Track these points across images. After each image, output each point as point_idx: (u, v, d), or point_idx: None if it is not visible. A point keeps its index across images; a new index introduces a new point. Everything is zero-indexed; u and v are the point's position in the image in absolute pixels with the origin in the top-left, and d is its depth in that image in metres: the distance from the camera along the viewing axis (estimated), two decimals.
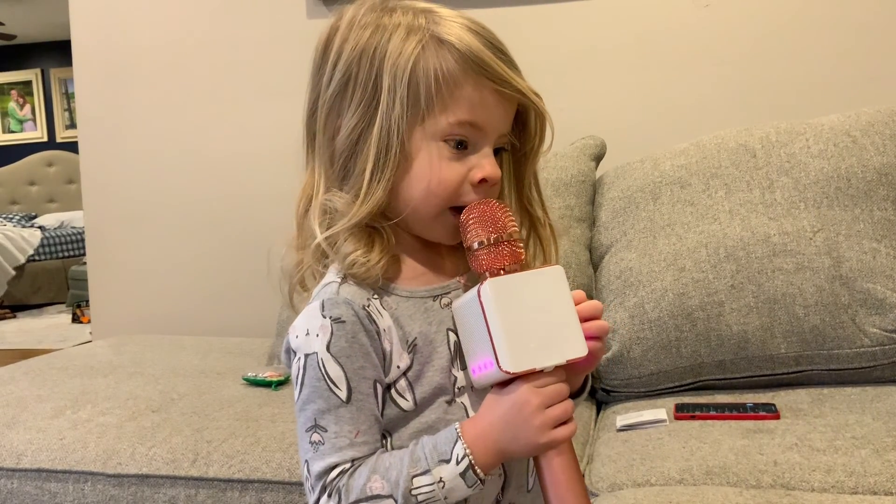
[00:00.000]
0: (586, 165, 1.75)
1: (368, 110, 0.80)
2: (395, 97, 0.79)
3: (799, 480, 1.07)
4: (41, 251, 6.36)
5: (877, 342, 1.38)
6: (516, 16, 1.99)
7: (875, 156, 1.50)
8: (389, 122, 0.79)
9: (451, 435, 0.77)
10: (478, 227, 0.79)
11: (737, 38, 1.93)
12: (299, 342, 0.80)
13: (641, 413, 1.35)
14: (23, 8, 6.71)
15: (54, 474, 1.31)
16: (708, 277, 1.45)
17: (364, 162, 0.80)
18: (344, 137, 0.81)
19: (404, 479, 0.75)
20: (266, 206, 2.15)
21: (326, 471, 0.77)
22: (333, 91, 0.82)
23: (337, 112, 0.82)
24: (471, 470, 0.75)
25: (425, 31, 0.80)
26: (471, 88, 0.80)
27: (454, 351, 0.83)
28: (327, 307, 0.79)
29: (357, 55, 0.81)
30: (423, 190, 0.80)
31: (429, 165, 0.80)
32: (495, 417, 0.77)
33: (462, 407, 0.83)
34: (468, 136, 0.81)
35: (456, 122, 0.79)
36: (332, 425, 0.78)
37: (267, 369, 1.67)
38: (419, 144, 0.80)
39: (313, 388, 0.78)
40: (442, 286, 0.85)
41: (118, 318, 2.31)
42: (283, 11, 2.13)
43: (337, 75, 0.82)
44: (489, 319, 0.75)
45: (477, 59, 0.79)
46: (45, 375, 1.69)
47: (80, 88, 2.32)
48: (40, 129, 7.99)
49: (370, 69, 0.80)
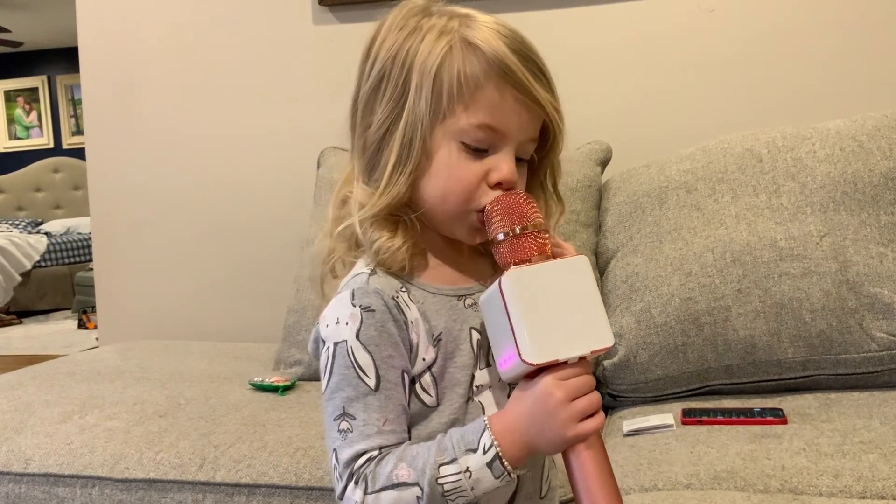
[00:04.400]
0: (592, 170, 1.76)
1: (397, 106, 0.82)
2: (420, 94, 0.81)
3: (807, 485, 1.07)
4: (47, 257, 6.39)
5: (884, 347, 1.38)
6: (522, 21, 1.97)
7: (881, 160, 1.50)
8: (414, 117, 0.81)
9: (478, 426, 0.77)
10: (502, 219, 0.80)
11: (742, 42, 1.93)
12: (329, 331, 0.81)
13: (648, 418, 1.35)
14: (29, 15, 6.75)
15: (62, 479, 1.31)
16: (714, 282, 1.45)
17: (388, 155, 0.82)
18: (374, 131, 0.83)
19: (430, 467, 0.75)
20: (272, 212, 2.17)
21: (354, 458, 0.77)
22: (370, 87, 0.84)
23: (370, 108, 0.84)
24: (498, 461, 0.75)
25: (455, 34, 0.82)
26: (492, 91, 0.81)
27: (477, 349, 0.84)
28: (357, 296, 0.81)
29: (392, 54, 0.83)
30: (441, 187, 0.82)
31: (447, 163, 0.82)
32: (522, 410, 0.77)
33: (479, 406, 0.83)
34: (487, 140, 0.82)
35: (476, 123, 0.81)
36: (360, 413, 0.78)
37: (273, 374, 1.67)
38: (440, 142, 0.82)
39: (342, 376, 0.79)
40: (467, 287, 0.87)
41: (125, 323, 2.32)
42: (289, 17, 2.14)
43: (373, 73, 0.84)
44: (510, 310, 0.75)
45: (501, 64, 0.80)
46: (52, 380, 1.70)
47: (86, 95, 2.33)
48: (46, 136, 8.03)
49: (402, 68, 0.82)
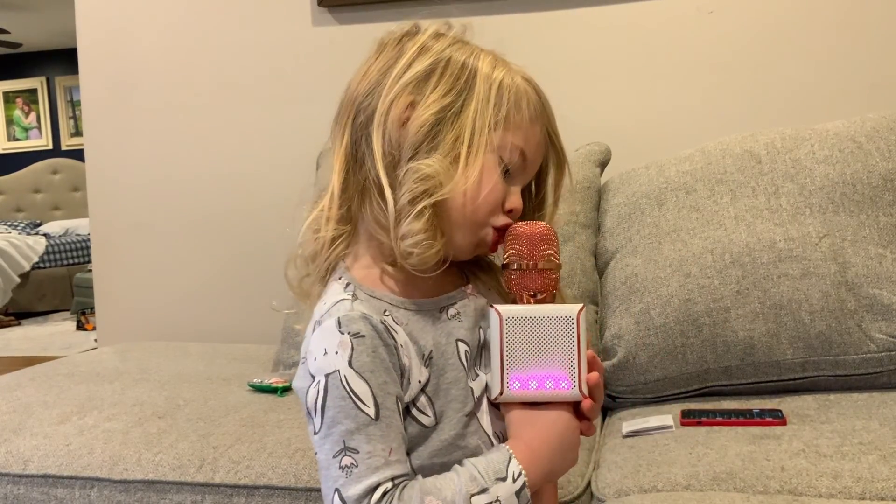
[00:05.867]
0: (591, 171, 1.76)
1: (460, 97, 0.81)
2: (489, 95, 0.82)
3: (806, 486, 1.07)
4: (46, 258, 6.38)
5: (883, 348, 1.38)
6: (522, 22, 2.00)
7: (880, 161, 1.50)
8: (482, 114, 0.81)
9: (502, 455, 0.76)
10: (517, 248, 0.81)
11: (741, 44, 1.93)
12: (318, 364, 0.76)
13: (647, 419, 1.35)
14: (28, 16, 6.75)
15: (61, 480, 1.31)
16: (714, 283, 1.45)
17: (452, 141, 0.80)
18: (430, 113, 0.80)
19: (463, 497, 0.72)
20: (271, 214, 2.16)
21: (367, 493, 0.72)
22: (416, 74, 0.82)
23: (413, 92, 0.81)
24: (525, 489, 0.75)
25: (507, 63, 0.86)
26: (534, 124, 0.85)
27: (466, 361, 0.83)
28: (344, 323, 0.76)
29: (450, 52, 0.83)
30: (485, 191, 0.81)
31: (490, 169, 0.82)
32: (550, 441, 0.78)
33: (476, 419, 0.81)
34: (516, 166, 0.84)
35: (516, 145, 0.83)
36: (363, 445, 0.73)
37: (272, 375, 1.67)
38: (491, 148, 0.82)
39: (339, 409, 0.74)
40: (448, 296, 0.85)
41: (124, 324, 2.32)
42: (289, 19, 2.14)
43: (420, 63, 0.82)
44: (581, 344, 0.79)
45: (548, 106, 0.87)
46: (51, 382, 1.70)
47: (86, 96, 2.33)
48: (45, 137, 8.02)
49: (464, 62, 0.83)
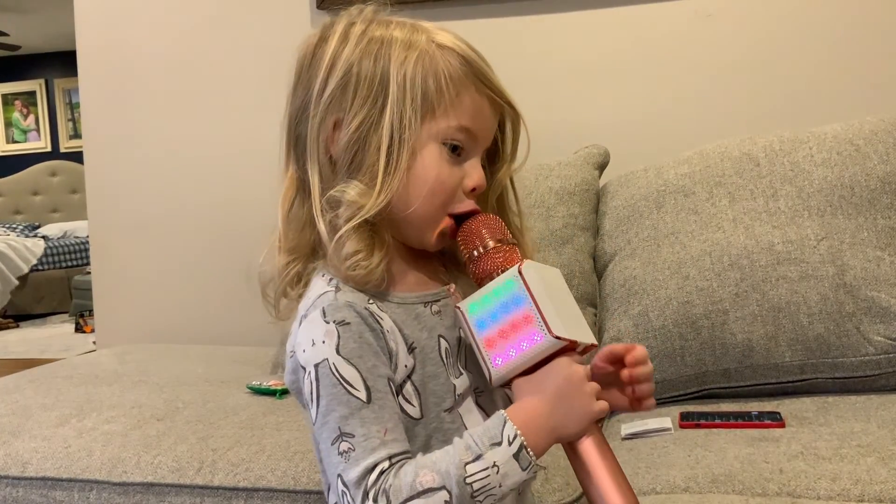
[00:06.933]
0: (590, 174, 1.76)
1: (376, 106, 0.81)
2: (404, 93, 0.80)
3: (805, 488, 1.07)
4: (44, 261, 6.38)
5: (881, 350, 1.38)
6: (520, 26, 1.99)
7: (878, 164, 1.51)
8: (399, 115, 0.80)
9: (497, 420, 0.75)
10: (488, 232, 0.83)
11: (739, 47, 1.93)
12: (307, 356, 0.77)
13: (646, 421, 1.35)
14: (27, 19, 6.75)
15: (59, 482, 1.31)
16: (712, 286, 1.45)
17: (375, 154, 0.80)
18: (351, 132, 0.81)
19: (456, 467, 0.71)
20: (270, 216, 2.16)
21: (364, 474, 0.72)
22: (332, 92, 0.82)
23: (335, 110, 0.82)
24: (524, 450, 0.73)
25: (428, 36, 0.83)
26: (472, 94, 0.83)
27: (446, 357, 0.83)
28: (329, 312, 0.78)
29: (357, 58, 0.82)
30: (427, 189, 0.81)
31: (431, 165, 0.82)
32: (546, 394, 0.76)
33: (458, 416, 0.82)
34: (464, 143, 0.83)
35: (457, 126, 0.82)
36: (358, 429, 0.74)
37: (271, 378, 1.67)
38: (423, 142, 0.82)
39: (331, 396, 0.75)
40: (432, 293, 0.86)
41: (122, 326, 2.31)
42: (288, 21, 2.14)
43: (334, 78, 0.82)
44: (535, 294, 0.77)
45: (477, 66, 0.83)
46: (49, 384, 1.69)
47: (85, 98, 2.33)
48: (44, 140, 8.02)
49: (374, 67, 0.81)
